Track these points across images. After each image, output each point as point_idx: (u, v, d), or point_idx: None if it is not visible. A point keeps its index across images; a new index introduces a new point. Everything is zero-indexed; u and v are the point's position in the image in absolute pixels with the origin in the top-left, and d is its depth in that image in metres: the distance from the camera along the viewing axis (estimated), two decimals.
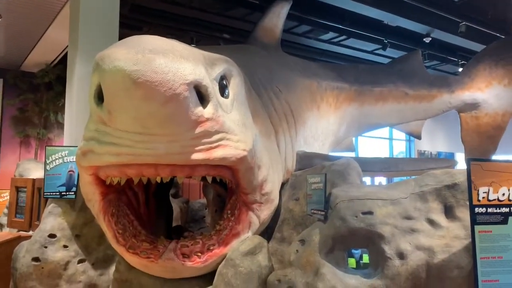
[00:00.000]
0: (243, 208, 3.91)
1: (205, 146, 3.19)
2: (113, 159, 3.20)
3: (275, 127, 4.85)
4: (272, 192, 4.19)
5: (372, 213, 3.03)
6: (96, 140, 3.24)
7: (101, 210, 3.84)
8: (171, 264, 3.60)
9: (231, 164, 3.44)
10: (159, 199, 4.98)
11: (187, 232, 4.99)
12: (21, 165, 6.46)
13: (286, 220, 4.49)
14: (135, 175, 3.35)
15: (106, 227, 3.86)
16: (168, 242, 3.80)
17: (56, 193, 4.90)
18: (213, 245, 3.81)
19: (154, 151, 3.09)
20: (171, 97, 2.82)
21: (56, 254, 4.67)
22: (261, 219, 4.07)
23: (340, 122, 7.87)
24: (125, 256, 3.83)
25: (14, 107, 10.88)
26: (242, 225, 3.89)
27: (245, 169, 3.60)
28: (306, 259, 3.13)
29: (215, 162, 3.30)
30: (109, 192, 3.86)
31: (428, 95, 8.96)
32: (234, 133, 3.39)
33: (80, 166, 3.62)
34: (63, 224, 4.85)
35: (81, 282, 4.80)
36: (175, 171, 3.29)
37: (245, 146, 3.46)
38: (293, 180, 4.85)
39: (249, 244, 3.84)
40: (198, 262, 3.68)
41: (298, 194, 4.50)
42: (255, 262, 3.77)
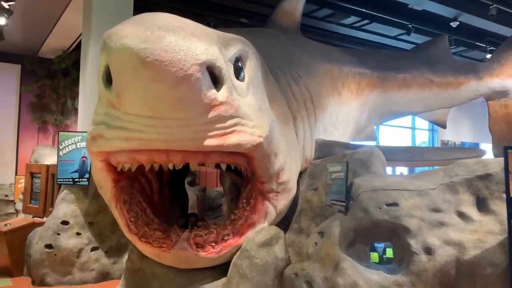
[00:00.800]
0: (259, 198, 3.75)
1: (219, 131, 3.04)
2: (123, 144, 3.08)
3: (293, 113, 4.65)
4: (290, 181, 4.02)
5: (397, 204, 2.84)
6: (105, 124, 3.12)
7: (113, 197, 3.73)
8: (184, 254, 3.48)
9: (246, 151, 3.28)
10: (173, 187, 4.86)
11: (201, 222, 4.86)
12: (37, 151, 6.46)
13: (304, 211, 4.32)
14: (146, 161, 3.23)
15: (118, 215, 3.75)
16: (181, 231, 3.67)
17: (69, 180, 4.85)
18: (227, 235, 3.67)
19: (165, 136, 2.95)
20: (182, 79, 2.66)
21: (69, 242, 4.65)
22: (278, 209, 3.91)
23: (361, 110, 7.54)
24: (138, 245, 3.73)
25: (32, 94, 10.92)
26: (258, 215, 3.74)
27: (261, 157, 3.43)
28: (325, 252, 2.97)
29: (229, 148, 3.15)
30: (121, 179, 3.74)
31: (454, 82, 8.57)
32: (249, 118, 3.22)
33: (90, 152, 3.51)
34: (76, 211, 4.81)
35: (94, 270, 4.77)
36: (187, 157, 3.15)
37: (261, 132, 3.29)
38: (311, 169, 4.67)
39: (265, 235, 3.69)
40: (212, 252, 3.55)
41: (317, 184, 4.32)
42: (271, 254, 3.63)
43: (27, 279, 4.82)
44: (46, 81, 10.87)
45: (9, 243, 4.90)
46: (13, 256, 4.94)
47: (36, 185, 5.68)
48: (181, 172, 4.84)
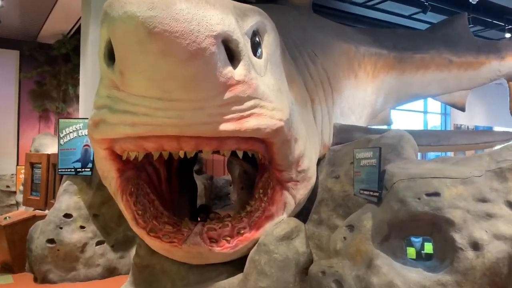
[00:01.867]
0: (277, 187, 3.47)
1: (235, 114, 2.74)
2: (129, 130, 2.79)
3: (311, 95, 4.34)
4: (310, 169, 3.73)
5: (438, 194, 2.54)
6: (108, 108, 2.82)
7: (119, 188, 3.47)
8: (196, 250, 3.23)
9: (265, 136, 2.98)
10: (182, 176, 4.59)
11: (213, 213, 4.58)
12: (37, 139, 6.19)
13: (324, 201, 4.04)
14: (154, 149, 2.94)
15: (125, 208, 3.49)
16: (193, 225, 3.41)
17: (71, 170, 4.58)
18: (243, 228, 3.41)
19: (176, 120, 2.65)
20: (195, 53, 2.34)
21: (72, 236, 4.40)
22: (297, 199, 3.64)
23: (377, 93, 7.26)
24: (146, 239, 3.48)
25: (32, 81, 10.64)
26: (276, 206, 3.46)
27: (281, 143, 3.14)
28: (356, 248, 2.68)
29: (247, 134, 2.85)
30: (127, 169, 3.47)
31: (474, 62, 8.22)
32: (269, 99, 2.91)
33: (92, 139, 3.22)
34: (79, 203, 4.55)
35: (99, 266, 4.53)
36: (200, 144, 2.85)
37: (281, 115, 2.99)
38: (331, 156, 4.37)
39: (285, 228, 3.42)
40: (227, 247, 3.29)
41: (338, 171, 4.03)
42: (292, 248, 3.37)
43: (29, 276, 4.59)
44: (46, 67, 10.57)
45: (9, 237, 4.67)
46: (13, 251, 4.70)
47: (36, 176, 5.42)
48: (190, 160, 4.56)
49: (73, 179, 4.62)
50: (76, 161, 4.58)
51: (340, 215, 3.90)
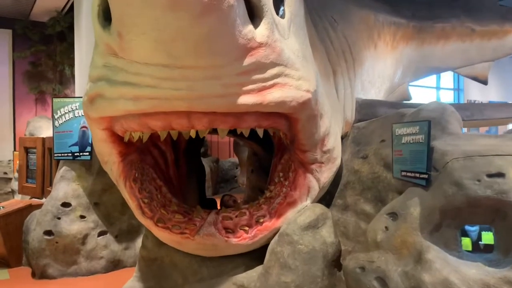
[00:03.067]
0: (300, 170, 3.13)
1: (256, 85, 2.35)
2: (130, 106, 2.40)
3: (332, 66, 3.93)
4: (335, 149, 3.37)
5: (502, 175, 2.15)
6: (105, 80, 2.43)
7: (121, 174, 3.13)
8: (211, 241, 2.93)
9: (290, 111, 2.60)
10: (190, 159, 4.22)
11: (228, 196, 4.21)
12: (31, 122, 5.81)
13: (350, 184, 3.69)
14: (161, 128, 2.56)
15: (128, 196, 3.16)
16: (206, 213, 3.09)
17: (68, 154, 4.21)
18: (263, 217, 3.09)
19: (186, 92, 2.27)
20: (210, 6, 1.92)
21: (71, 227, 4.06)
22: (321, 182, 3.30)
23: (396, 65, 6.87)
24: (154, 230, 3.17)
25: (26, 61, 10.22)
26: (299, 191, 3.12)
27: (307, 118, 2.75)
28: (401, 239, 2.32)
29: (269, 108, 2.46)
30: (130, 152, 3.13)
31: (499, 31, 7.75)
32: (294, 67, 2.51)
33: (88, 118, 2.84)
34: (78, 190, 4.20)
35: (103, 258, 4.20)
36: (215, 121, 2.47)
37: (308, 86, 2.59)
38: (355, 134, 3.98)
39: (310, 216, 3.09)
40: (245, 238, 3.00)
41: (366, 151, 3.65)
42: (318, 238, 3.04)
43: (27, 270, 4.28)
44: (40, 46, 10.15)
45: (4, 229, 4.34)
46: (9, 244, 4.38)
47: (32, 162, 5.06)
48: (197, 140, 4.20)
49: (71, 165, 4.26)
50: (73, 144, 4.21)
51: (368, 199, 3.58)
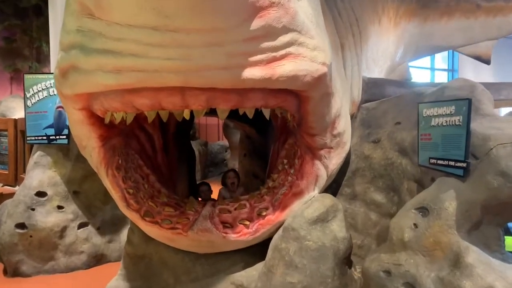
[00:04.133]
0: (307, 156, 2.82)
1: (265, 55, 2.00)
2: (111, 80, 2.01)
3: (340, 39, 3.55)
4: (345, 132, 3.06)
5: None
6: (80, 48, 2.03)
7: (102, 161, 2.79)
8: (206, 237, 2.63)
9: (302, 88, 2.24)
10: (180, 143, 3.84)
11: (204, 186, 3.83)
12: (3, 102, 5.32)
13: (359, 171, 3.42)
14: (149, 108, 2.19)
15: (111, 185, 2.84)
16: (200, 205, 2.79)
17: (42, 137, 3.79)
18: (265, 209, 2.81)
19: (180, 63, 1.91)
20: None
21: (47, 219, 3.67)
22: (330, 170, 3.02)
23: (398, 43, 6.59)
24: (140, 225, 2.87)
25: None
26: (306, 180, 2.84)
27: (320, 97, 2.41)
28: (433, 239, 2.00)
29: (279, 84, 2.10)
30: (112, 135, 2.79)
31: (505, 8, 7.46)
32: (309, 34, 2.16)
33: (62, 96, 2.45)
34: (55, 178, 3.80)
35: (83, 253, 3.83)
36: (215, 99, 2.11)
37: (324, 58, 2.24)
38: (364, 115, 3.66)
39: (318, 208, 2.80)
40: (246, 233, 2.72)
41: (377, 134, 3.35)
42: (328, 234, 2.77)
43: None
44: (14, 20, 9.51)
45: None
46: None
47: (3, 146, 4.61)
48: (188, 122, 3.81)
49: (46, 149, 3.84)
50: (48, 126, 3.78)
51: (379, 188, 3.33)
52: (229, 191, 3.76)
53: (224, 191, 3.79)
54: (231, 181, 3.65)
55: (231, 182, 3.64)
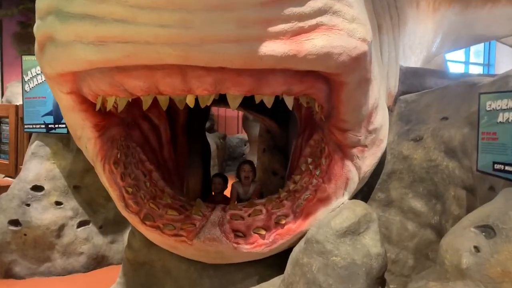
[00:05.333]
0: (336, 156, 2.45)
1: (290, 25, 1.62)
2: (92, 55, 1.67)
3: (377, 19, 3.09)
4: (382, 128, 2.68)
5: None
6: (55, 14, 1.65)
7: (98, 154, 2.49)
8: (215, 247, 2.31)
9: (335, 70, 1.83)
10: (192, 135, 3.48)
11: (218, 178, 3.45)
12: (9, 88, 5.05)
13: (396, 173, 3.01)
14: (144, 91, 1.83)
15: (108, 182, 2.54)
16: (209, 209, 2.48)
17: (40, 126, 3.49)
18: (285, 216, 2.45)
19: (179, 32, 1.56)
20: None
21: (44, 215, 3.39)
22: (362, 172, 2.67)
23: (436, 31, 6.08)
24: (141, 229, 2.54)
25: (14, 21, 9.41)
26: (334, 184, 2.46)
27: (357, 83, 2.01)
28: (501, 268, 1.57)
29: (306, 64, 1.70)
30: (110, 125, 2.48)
31: None
32: (346, 1, 1.69)
33: (45, 76, 2.07)
34: (54, 171, 3.51)
35: (83, 254, 3.53)
36: (224, 82, 1.73)
37: (365, 33, 1.85)
38: (403, 109, 3.23)
39: (348, 217, 2.44)
40: (261, 244, 2.38)
41: (419, 131, 2.93)
42: (360, 249, 2.41)
43: None
44: (29, 4, 9.24)
45: None
46: None
47: (4, 134, 4.33)
48: (202, 112, 3.44)
49: (45, 139, 3.54)
50: (47, 114, 3.48)
51: (419, 194, 2.94)
52: (243, 185, 3.43)
53: (238, 185, 3.46)
54: (245, 174, 3.29)
55: (245, 176, 3.29)
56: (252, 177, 3.39)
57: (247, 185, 3.40)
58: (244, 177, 3.34)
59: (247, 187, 3.40)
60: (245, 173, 3.33)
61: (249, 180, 3.37)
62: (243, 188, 3.38)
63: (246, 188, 3.39)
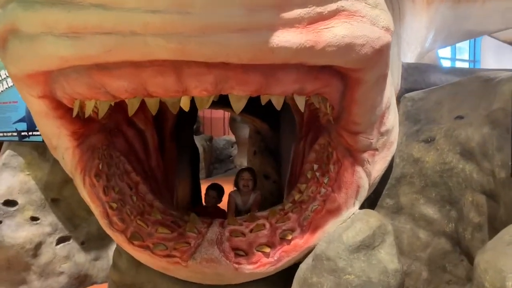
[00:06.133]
0: (346, 161, 2.23)
1: (306, 10, 1.36)
2: (65, 50, 1.39)
3: None
4: (394, 129, 2.48)
5: None
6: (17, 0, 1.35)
7: (78, 166, 2.22)
8: (213, 269, 2.04)
9: (355, 64, 1.57)
10: (180, 140, 3.22)
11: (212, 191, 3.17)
12: None
13: (406, 177, 2.80)
14: (129, 94, 1.56)
15: (89, 197, 2.27)
16: (205, 225, 2.21)
17: (12, 134, 3.16)
18: (291, 231, 2.21)
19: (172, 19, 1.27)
20: None
21: (18, 233, 3.07)
22: (372, 178, 2.45)
23: (429, 27, 5.97)
24: (127, 249, 2.27)
25: None
26: (345, 193, 2.25)
27: (376, 80, 1.80)
28: None
29: (325, 57, 1.47)
30: (90, 132, 2.21)
31: None
32: None
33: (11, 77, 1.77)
34: (29, 183, 3.21)
35: (63, 274, 3.23)
36: (227, 80, 1.48)
37: (388, 21, 1.62)
38: (409, 108, 3.02)
39: (362, 230, 2.24)
40: (265, 264, 2.12)
41: (431, 132, 2.72)
42: (376, 265, 2.21)
43: None
44: None
45: None
46: None
47: None
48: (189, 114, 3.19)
49: (17, 148, 3.22)
50: (19, 120, 3.16)
51: (431, 199, 2.74)
52: (241, 195, 3.15)
53: (236, 195, 3.17)
54: (244, 183, 3.02)
55: (244, 184, 3.02)
56: (252, 186, 3.11)
57: (246, 194, 3.14)
58: (243, 186, 3.07)
59: (246, 197, 3.14)
60: (244, 181, 3.06)
61: (249, 188, 3.11)
62: (241, 198, 3.12)
63: (245, 198, 3.13)
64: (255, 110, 4.59)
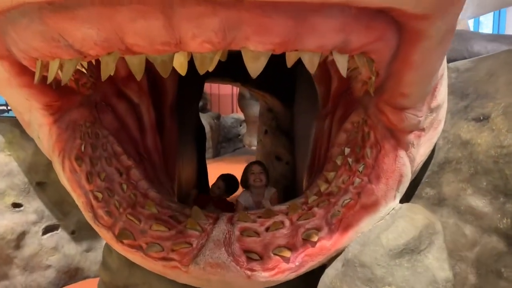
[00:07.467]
0: (387, 144, 1.81)
1: None
2: None
3: None
4: (444, 105, 2.01)
5: None
6: None
7: (55, 146, 1.82)
8: (220, 276, 1.65)
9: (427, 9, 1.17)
10: (183, 117, 2.83)
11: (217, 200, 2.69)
12: None
13: (451, 163, 2.39)
14: (100, 48, 1.12)
15: (69, 185, 1.85)
16: (210, 221, 1.80)
17: None
18: (316, 230, 1.77)
19: None
20: None
21: None
22: (416, 164, 1.99)
23: None
24: (116, 248, 1.87)
25: None
26: (385, 184, 1.83)
27: (443, 35, 1.37)
28: None
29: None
30: (68, 105, 1.80)
31: None
32: None
33: None
34: (10, 164, 2.83)
35: (51, 268, 2.86)
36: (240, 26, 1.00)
37: None
38: (454, 80, 2.58)
39: (406, 230, 1.88)
40: (284, 270, 1.71)
41: (483, 108, 2.30)
42: (423, 273, 1.91)
43: None
44: None
45: None
46: None
47: None
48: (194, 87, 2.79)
49: None
50: None
51: (481, 189, 2.33)
52: (252, 194, 2.67)
53: (245, 197, 2.64)
54: (255, 177, 2.52)
55: (256, 178, 2.52)
56: (265, 180, 2.62)
57: (259, 192, 2.62)
58: (254, 180, 2.58)
59: (259, 196, 2.60)
60: (255, 175, 2.50)
61: (262, 183, 2.59)
62: (252, 198, 2.59)
63: (257, 198, 2.60)
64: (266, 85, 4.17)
